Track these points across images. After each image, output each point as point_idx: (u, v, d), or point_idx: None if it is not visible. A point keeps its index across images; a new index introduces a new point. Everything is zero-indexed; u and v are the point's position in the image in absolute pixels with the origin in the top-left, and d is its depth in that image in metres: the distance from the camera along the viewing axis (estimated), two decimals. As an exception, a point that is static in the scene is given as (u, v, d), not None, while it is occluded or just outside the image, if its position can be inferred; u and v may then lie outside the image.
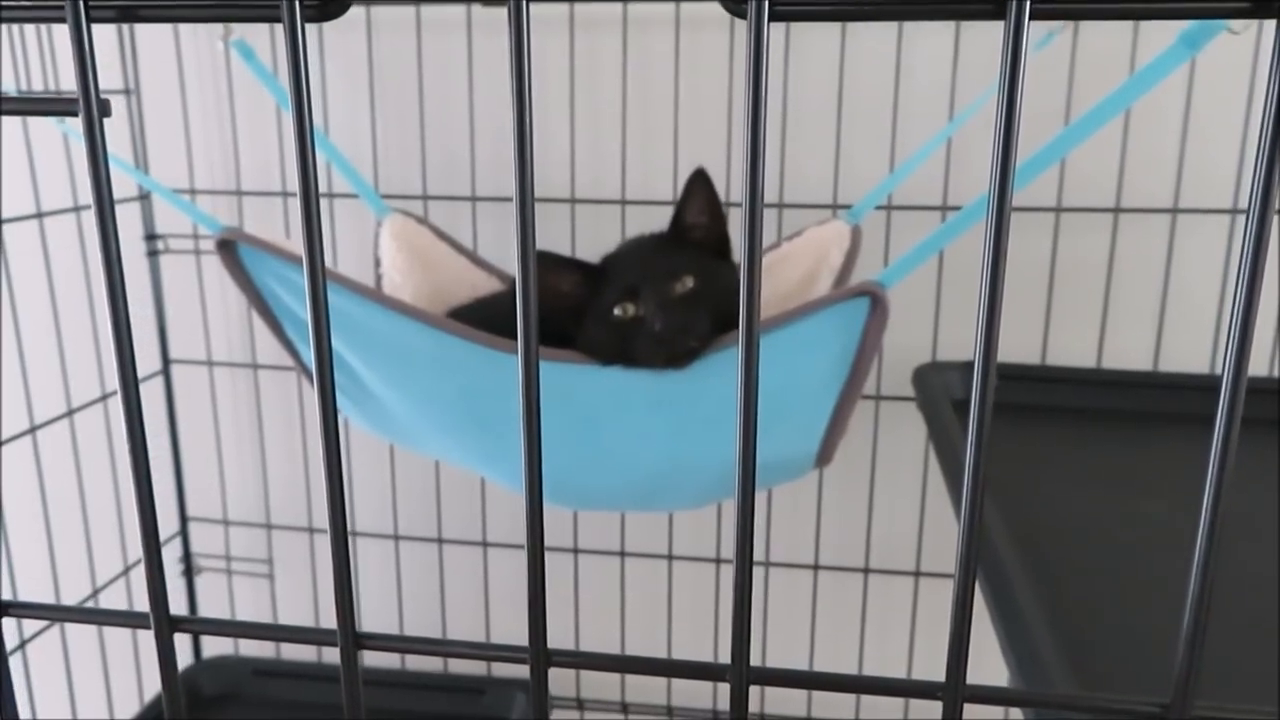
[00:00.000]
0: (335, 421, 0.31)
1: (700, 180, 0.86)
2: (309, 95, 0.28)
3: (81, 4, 0.28)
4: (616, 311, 0.82)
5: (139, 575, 1.38)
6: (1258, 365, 1.11)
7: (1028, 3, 0.25)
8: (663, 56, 1.20)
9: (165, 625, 0.33)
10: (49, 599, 1.26)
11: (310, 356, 0.99)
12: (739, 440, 0.29)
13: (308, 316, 0.30)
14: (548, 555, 0.32)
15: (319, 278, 0.30)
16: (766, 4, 0.26)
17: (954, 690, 0.30)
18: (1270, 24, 0.26)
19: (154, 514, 0.32)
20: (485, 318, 0.89)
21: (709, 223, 0.88)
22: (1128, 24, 1.08)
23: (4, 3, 0.29)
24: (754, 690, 0.31)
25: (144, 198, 1.35)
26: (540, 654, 0.31)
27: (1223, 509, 0.28)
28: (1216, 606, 0.29)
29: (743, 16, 0.26)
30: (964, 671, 0.29)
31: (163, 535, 1.43)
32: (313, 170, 0.29)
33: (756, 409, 0.29)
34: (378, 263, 1.08)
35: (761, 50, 0.26)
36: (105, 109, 0.28)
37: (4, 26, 1.15)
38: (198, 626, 0.35)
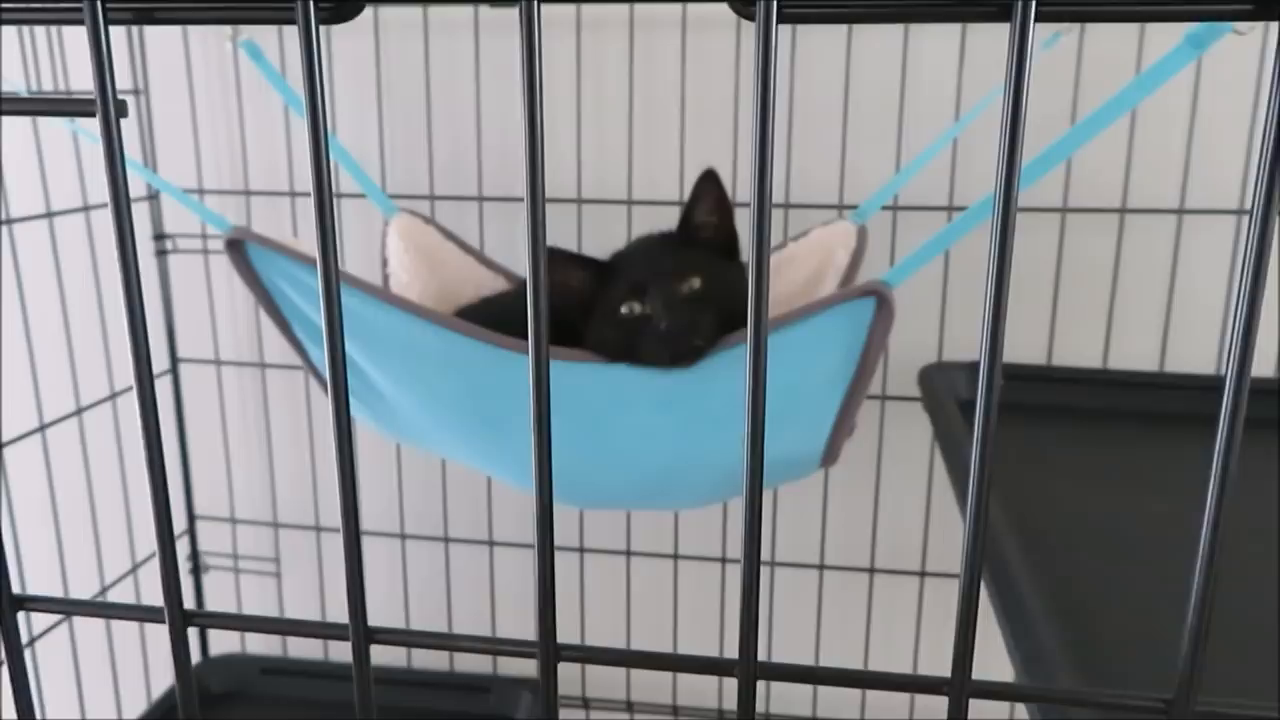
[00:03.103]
0: (348, 419, 0.32)
1: (710, 180, 0.86)
2: (324, 97, 0.29)
3: (100, 6, 0.28)
4: (623, 309, 0.82)
5: (146, 573, 1.40)
6: (1261, 367, 1.11)
7: (1033, 6, 0.26)
8: (669, 57, 1.20)
9: (179, 619, 0.33)
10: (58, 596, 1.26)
11: (318, 355, 0.99)
12: (747, 439, 0.29)
13: (321, 316, 0.30)
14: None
15: (332, 277, 0.30)
16: (775, 6, 0.26)
17: (960, 685, 0.30)
18: (1275, 24, 0.26)
19: (168, 510, 0.33)
20: (492, 316, 0.89)
21: (718, 223, 0.88)
22: (1133, 25, 1.08)
23: (22, 4, 0.30)
24: (759, 689, 0.31)
25: (152, 197, 1.36)
26: (550, 648, 0.32)
27: (1226, 508, 0.28)
28: (1217, 604, 0.29)
29: (751, 19, 0.27)
30: (970, 666, 0.30)
31: (171, 533, 1.41)
32: (327, 171, 0.29)
33: (765, 408, 0.29)
34: (385, 262, 1.08)
35: (770, 52, 0.26)
36: (122, 110, 0.28)
37: (14, 26, 1.16)
38: (211, 620, 0.35)
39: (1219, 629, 0.30)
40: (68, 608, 0.37)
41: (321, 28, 0.29)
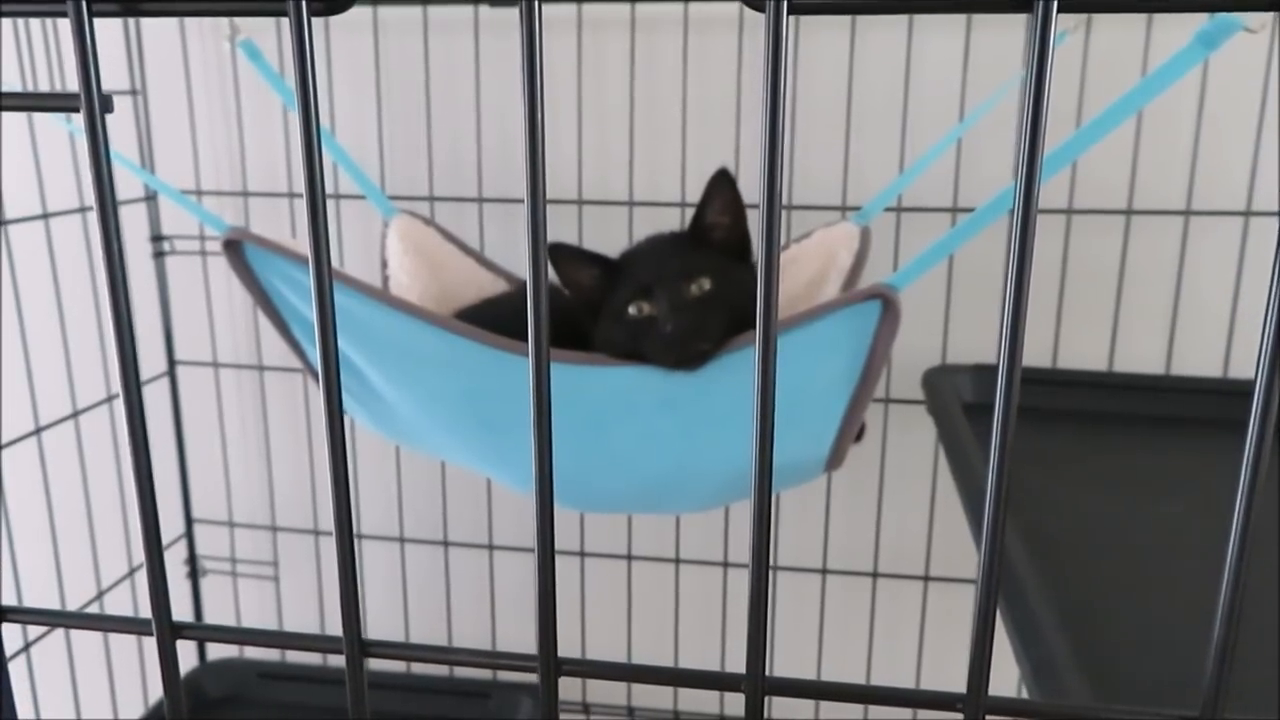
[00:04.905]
0: (341, 422, 0.31)
1: (723, 179, 0.84)
2: (315, 90, 0.28)
3: (84, -3, 0.27)
4: (631, 310, 0.82)
5: (144, 577, 1.38)
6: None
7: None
8: (670, 57, 1.19)
9: (168, 633, 0.32)
10: (54, 600, 1.25)
11: (316, 357, 0.99)
12: (755, 446, 0.28)
13: (313, 317, 0.29)
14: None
15: (325, 278, 0.29)
16: (786, -3, 0.25)
17: (975, 703, 0.29)
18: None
19: (156, 522, 0.32)
20: (493, 317, 0.88)
21: (730, 223, 0.86)
22: (1141, 23, 1.07)
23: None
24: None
25: (150, 199, 1.35)
26: (551, 663, 0.31)
27: (1254, 521, 0.27)
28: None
29: (761, 10, 0.26)
30: (986, 684, 0.29)
31: (167, 537, 1.41)
32: (319, 166, 0.28)
33: (774, 412, 0.28)
34: (384, 263, 1.07)
35: (780, 44, 0.25)
36: (107, 105, 0.27)
37: (9, 23, 1.15)
38: (201, 633, 0.34)
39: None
40: (54, 619, 0.35)
41: (320, 26, 0.28)
